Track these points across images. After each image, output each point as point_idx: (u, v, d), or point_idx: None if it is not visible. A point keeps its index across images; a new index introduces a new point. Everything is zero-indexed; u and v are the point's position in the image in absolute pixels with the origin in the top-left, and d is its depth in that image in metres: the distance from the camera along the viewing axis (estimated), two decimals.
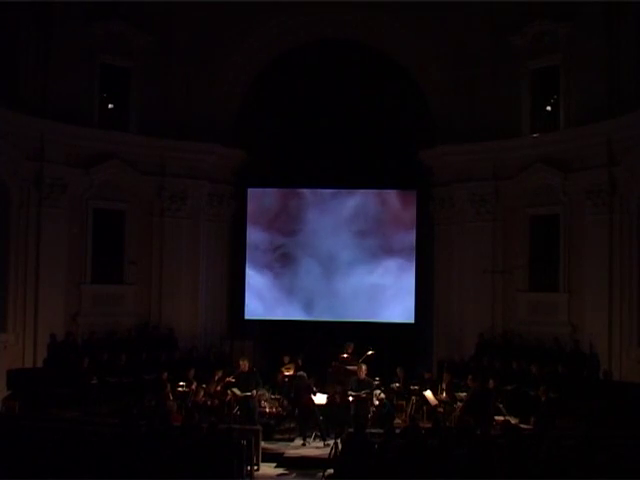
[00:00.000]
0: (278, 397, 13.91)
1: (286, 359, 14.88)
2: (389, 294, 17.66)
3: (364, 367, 12.84)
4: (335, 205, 17.99)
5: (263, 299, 17.98)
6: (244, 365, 12.94)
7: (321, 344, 16.60)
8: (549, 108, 16.09)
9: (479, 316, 16.48)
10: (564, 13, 15.40)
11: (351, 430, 10.22)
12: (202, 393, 12.71)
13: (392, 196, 17.90)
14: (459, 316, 16.89)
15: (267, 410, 13.46)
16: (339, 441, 10.08)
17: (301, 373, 13.17)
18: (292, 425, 13.20)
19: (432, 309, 17.72)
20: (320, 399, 12.70)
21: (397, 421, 13.13)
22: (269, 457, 11.63)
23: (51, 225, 15.27)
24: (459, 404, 12.96)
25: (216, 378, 13.58)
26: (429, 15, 16.62)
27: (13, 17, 14.77)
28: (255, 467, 10.89)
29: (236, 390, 12.75)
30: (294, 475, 11.06)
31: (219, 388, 13.28)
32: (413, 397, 13.72)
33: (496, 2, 16.17)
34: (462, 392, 13.30)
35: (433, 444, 8.77)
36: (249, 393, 12.59)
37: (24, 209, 14.95)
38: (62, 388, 13.69)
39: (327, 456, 10.48)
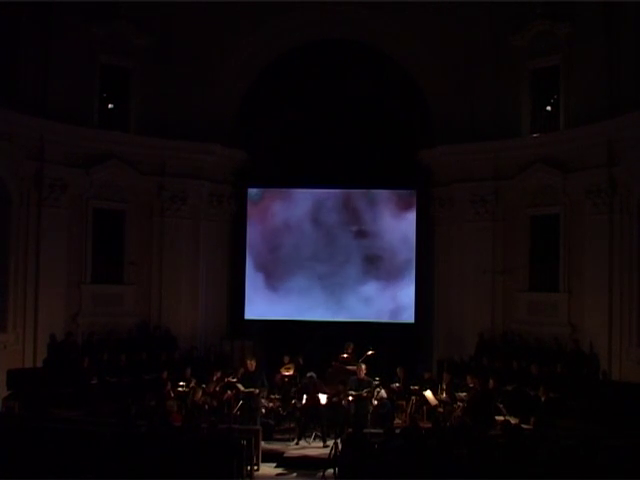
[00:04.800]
0: (277, 397, 13.91)
1: (286, 359, 14.89)
2: (389, 294, 17.66)
3: (363, 367, 12.87)
4: (335, 205, 17.98)
5: (263, 299, 17.96)
6: (251, 365, 13.00)
7: (321, 344, 16.61)
8: (549, 108, 16.08)
9: (479, 316, 16.47)
10: (564, 13, 15.40)
11: (351, 430, 10.22)
12: (201, 393, 12.71)
13: (392, 196, 17.91)
14: (459, 316, 16.88)
15: (266, 405, 13.41)
16: (339, 441, 10.08)
17: (311, 374, 13.16)
18: (292, 425, 13.20)
19: (432, 309, 17.72)
20: (320, 399, 12.69)
21: (397, 421, 13.16)
22: (269, 457, 11.63)
23: (51, 225, 15.27)
24: (459, 404, 12.96)
25: (214, 379, 13.58)
26: (429, 15, 16.61)
27: (13, 17, 14.77)
28: (255, 467, 10.90)
29: (240, 386, 12.78)
30: (294, 475, 11.07)
31: (218, 388, 13.29)
32: (413, 397, 13.73)
33: (496, 2, 16.18)
34: (462, 392, 13.31)
35: (433, 444, 8.77)
36: (252, 390, 12.61)
37: (24, 209, 14.95)
38: (62, 388, 13.69)
39: (327, 456, 10.48)
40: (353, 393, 12.48)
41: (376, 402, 12.83)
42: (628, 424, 11.73)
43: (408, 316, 17.60)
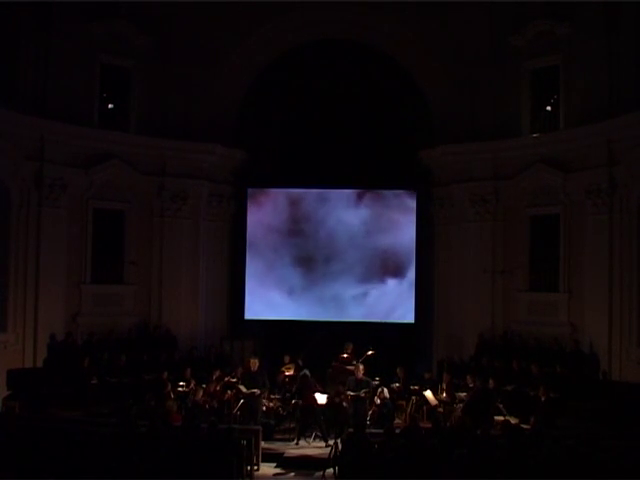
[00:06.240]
0: (278, 396, 13.92)
1: (286, 359, 14.90)
2: (389, 294, 17.66)
3: (361, 367, 12.87)
4: (335, 205, 17.99)
5: (263, 299, 17.97)
6: (254, 364, 12.97)
7: (321, 344, 16.61)
8: (549, 108, 16.09)
9: (479, 316, 16.48)
10: (564, 13, 15.39)
11: (351, 430, 10.22)
12: (202, 393, 12.71)
13: (392, 196, 17.91)
14: (459, 316, 16.89)
15: (267, 405, 13.42)
16: (339, 441, 10.08)
17: (305, 372, 13.16)
18: (292, 425, 13.21)
19: (432, 309, 17.73)
20: (320, 399, 12.70)
21: (397, 421, 13.16)
22: (269, 457, 11.63)
23: (51, 225, 15.27)
24: (459, 404, 12.96)
25: (214, 377, 13.59)
26: (429, 15, 16.62)
27: (13, 17, 14.77)
28: (255, 467, 10.90)
29: (242, 387, 12.77)
30: (294, 475, 11.07)
31: (218, 388, 13.29)
32: (413, 397, 13.73)
33: (496, 2, 16.17)
34: (462, 392, 13.31)
35: (433, 444, 8.77)
36: (255, 390, 12.60)
37: (24, 209, 14.94)
38: (62, 388, 13.70)
39: (327, 456, 10.48)
40: (351, 393, 12.48)
41: (379, 401, 12.83)
42: (628, 424, 11.73)
43: (408, 316, 17.62)
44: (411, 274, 17.61)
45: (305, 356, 15.21)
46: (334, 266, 17.85)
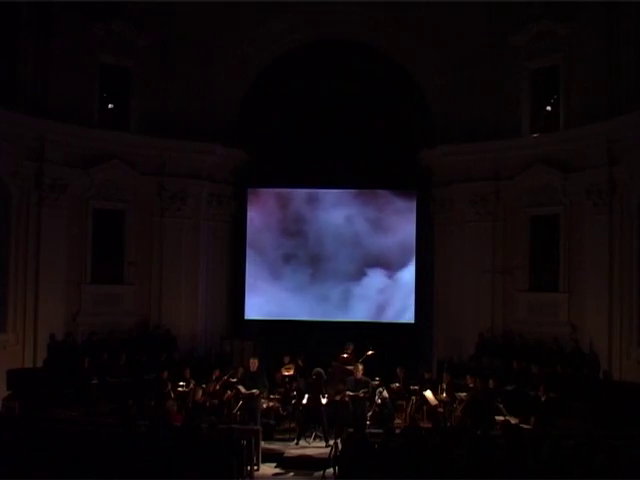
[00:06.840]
0: (277, 396, 13.91)
1: (286, 359, 14.89)
2: (389, 294, 17.67)
3: (360, 367, 12.87)
4: (335, 205, 17.99)
5: (263, 299, 17.97)
6: (253, 364, 12.95)
7: (321, 344, 16.61)
8: (549, 108, 16.09)
9: (479, 316, 16.47)
10: (564, 13, 15.40)
11: (351, 430, 10.22)
12: (201, 393, 12.71)
13: (392, 197, 17.90)
14: (459, 316, 16.88)
15: (267, 405, 13.41)
16: (339, 441, 10.08)
17: (319, 370, 13.13)
18: (292, 425, 13.20)
19: (432, 309, 17.73)
20: (321, 399, 12.69)
21: (397, 421, 13.16)
22: (269, 457, 11.64)
23: (51, 225, 15.26)
24: (459, 404, 12.96)
25: (214, 377, 13.59)
26: (429, 15, 16.61)
27: (13, 17, 14.77)
28: (255, 467, 10.90)
29: (241, 387, 12.77)
30: (294, 475, 11.07)
31: (217, 387, 13.29)
32: (413, 397, 13.73)
33: (496, 2, 16.18)
34: (462, 392, 13.31)
35: (433, 444, 8.76)
36: (254, 391, 12.60)
37: (24, 209, 14.94)
38: (62, 388, 13.69)
39: (327, 456, 10.48)
40: (350, 394, 12.47)
41: (380, 401, 12.81)
42: (628, 424, 11.73)
43: (408, 316, 17.63)
44: (411, 274, 17.61)
45: (305, 357, 15.21)
46: (335, 266, 17.85)
